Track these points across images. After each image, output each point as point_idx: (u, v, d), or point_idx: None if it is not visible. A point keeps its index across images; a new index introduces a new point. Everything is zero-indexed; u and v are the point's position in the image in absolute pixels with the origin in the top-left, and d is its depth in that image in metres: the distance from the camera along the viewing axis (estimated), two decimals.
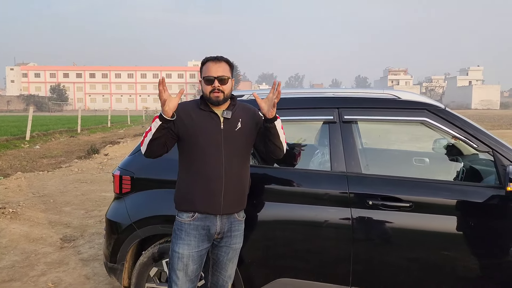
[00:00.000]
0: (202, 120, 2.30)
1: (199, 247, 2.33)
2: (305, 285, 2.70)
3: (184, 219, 2.34)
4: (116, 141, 17.14)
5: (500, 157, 2.47)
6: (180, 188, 2.40)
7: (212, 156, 2.28)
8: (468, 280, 2.48)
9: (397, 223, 2.53)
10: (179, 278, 2.33)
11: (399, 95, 2.84)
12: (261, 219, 2.71)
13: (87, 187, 8.11)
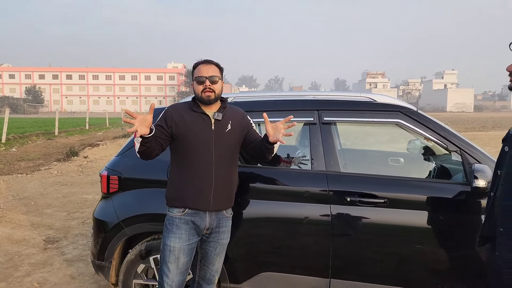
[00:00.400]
0: (194, 121, 2.42)
1: (190, 240, 2.44)
2: (287, 278, 2.84)
3: (175, 214, 2.44)
4: (95, 143, 16.98)
5: (467, 156, 2.67)
6: (171, 185, 2.50)
7: (203, 156, 2.40)
8: (438, 271, 2.65)
9: (373, 218, 2.69)
10: (170, 271, 2.43)
11: (375, 98, 3.02)
12: (245, 216, 2.84)
13: (68, 190, 8.07)
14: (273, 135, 2.31)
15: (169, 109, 2.50)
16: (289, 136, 2.33)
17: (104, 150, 14.09)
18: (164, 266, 2.45)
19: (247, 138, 2.56)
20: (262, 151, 2.43)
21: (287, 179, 2.90)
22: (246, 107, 3.04)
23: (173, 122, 2.41)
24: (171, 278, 2.44)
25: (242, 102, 3.14)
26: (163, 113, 2.47)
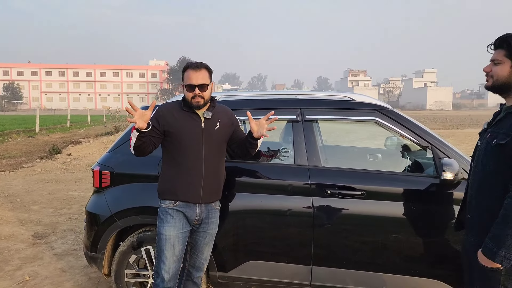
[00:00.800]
0: (184, 120, 2.58)
1: (183, 228, 2.60)
2: (272, 266, 3.02)
3: (168, 205, 2.60)
4: (77, 141, 16.87)
5: (437, 151, 2.89)
6: (163, 180, 2.65)
7: (194, 153, 2.56)
8: (411, 256, 2.87)
9: (351, 209, 2.90)
10: (167, 258, 2.58)
11: (354, 97, 3.23)
12: (233, 208, 3.01)
13: (53, 187, 8.10)
14: (257, 131, 2.53)
15: (161, 108, 2.65)
16: (272, 130, 2.57)
17: (88, 148, 14.04)
18: (162, 254, 2.59)
19: (234, 136, 2.74)
20: (246, 147, 2.64)
21: (272, 173, 3.08)
22: (233, 106, 3.21)
23: (165, 121, 2.56)
24: (168, 265, 2.58)
25: (228, 100, 3.30)
26: (155, 112, 2.60)
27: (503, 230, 1.82)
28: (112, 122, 22.59)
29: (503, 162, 1.90)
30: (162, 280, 2.60)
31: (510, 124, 1.90)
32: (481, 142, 2.13)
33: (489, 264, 1.89)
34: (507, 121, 1.94)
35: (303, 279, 2.99)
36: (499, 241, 1.83)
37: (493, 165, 1.95)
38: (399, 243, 2.88)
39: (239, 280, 3.07)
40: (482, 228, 1.98)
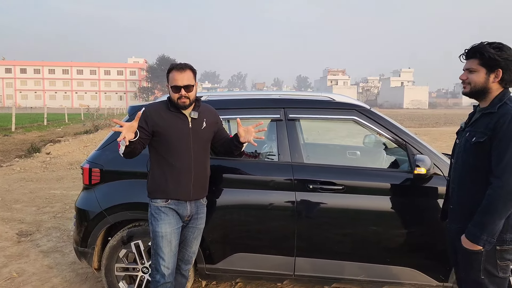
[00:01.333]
0: (172, 120, 2.65)
1: (177, 224, 2.71)
2: (257, 258, 3.17)
3: (159, 204, 2.68)
4: (56, 139, 16.65)
5: (411, 148, 3.09)
6: (153, 179, 2.72)
7: (183, 152, 2.65)
8: (387, 246, 3.07)
9: (332, 203, 3.07)
10: (165, 254, 2.66)
11: (334, 98, 3.40)
12: (220, 203, 3.14)
13: (34, 185, 8.06)
14: (244, 137, 2.69)
15: (148, 109, 2.70)
16: (260, 139, 2.74)
17: (67, 146, 13.90)
18: (160, 251, 2.66)
19: (217, 134, 2.88)
20: (231, 148, 2.81)
21: (257, 170, 3.23)
22: (219, 105, 3.36)
23: (153, 121, 2.63)
24: (167, 261, 2.67)
25: (215, 100, 3.43)
26: (142, 114, 2.62)
27: (485, 218, 2.07)
28: (91, 120, 22.31)
29: (481, 158, 2.13)
30: (162, 275, 2.68)
31: (486, 124, 2.13)
32: (460, 140, 2.36)
33: (472, 247, 2.14)
34: (483, 121, 2.17)
35: (287, 270, 3.15)
36: (482, 227, 2.08)
37: (473, 160, 2.19)
38: (376, 234, 3.06)
39: (226, 271, 3.21)
40: (464, 217, 2.22)
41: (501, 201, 2.03)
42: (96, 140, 15.72)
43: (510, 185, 2.01)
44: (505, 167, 2.02)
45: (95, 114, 22.99)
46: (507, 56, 2.11)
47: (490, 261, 2.15)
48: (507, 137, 2.03)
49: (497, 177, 2.04)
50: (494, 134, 2.07)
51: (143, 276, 3.26)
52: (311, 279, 3.18)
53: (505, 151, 2.02)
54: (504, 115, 2.07)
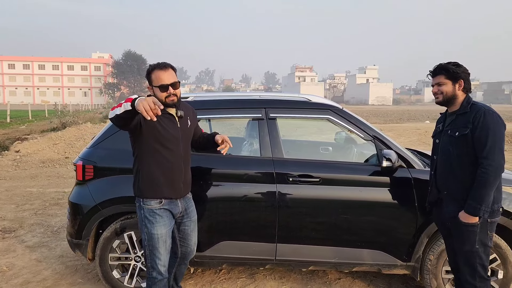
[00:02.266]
0: (164, 121, 2.70)
1: (171, 224, 2.86)
2: (242, 245, 3.48)
3: (153, 206, 2.76)
4: (23, 137, 16.31)
5: (379, 143, 3.47)
6: (146, 178, 2.75)
7: (174, 151, 2.76)
8: (358, 232, 3.43)
9: (310, 194, 3.41)
10: (161, 254, 2.80)
11: (310, 98, 3.74)
12: (207, 196, 3.42)
13: (9, 184, 8.04)
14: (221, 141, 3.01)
15: None
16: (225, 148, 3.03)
17: (36, 144, 13.67)
18: (156, 252, 2.78)
19: (195, 131, 3.09)
20: (207, 146, 3.12)
21: (241, 165, 3.53)
22: (206, 106, 3.65)
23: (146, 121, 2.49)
24: (163, 260, 2.81)
25: (201, 101, 3.70)
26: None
27: (481, 191, 2.60)
28: (58, 117, 21.83)
29: (465, 147, 2.69)
30: (159, 273, 2.81)
31: (465, 121, 2.70)
32: (441, 139, 2.92)
33: (471, 220, 2.65)
34: (460, 120, 2.74)
35: (269, 255, 3.47)
36: (480, 199, 2.60)
37: (458, 151, 2.74)
38: (348, 221, 3.43)
39: (213, 258, 3.50)
40: (457, 199, 2.75)
41: (491, 176, 2.57)
42: (65, 137, 15.49)
43: (496, 162, 2.58)
44: (489, 149, 2.58)
45: (61, 111, 22.41)
46: (464, 69, 2.77)
47: (483, 232, 2.69)
48: (485, 127, 2.60)
49: (485, 158, 2.59)
50: (473, 126, 2.63)
51: (136, 264, 3.51)
52: (291, 263, 3.52)
53: (486, 138, 2.59)
54: (478, 111, 2.66)
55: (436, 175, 2.94)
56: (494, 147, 2.59)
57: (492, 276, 3.36)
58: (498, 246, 3.28)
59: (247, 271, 4.03)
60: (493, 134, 2.60)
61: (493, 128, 2.61)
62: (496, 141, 2.60)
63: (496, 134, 2.61)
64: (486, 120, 2.61)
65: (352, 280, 3.89)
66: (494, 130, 2.61)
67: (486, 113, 2.63)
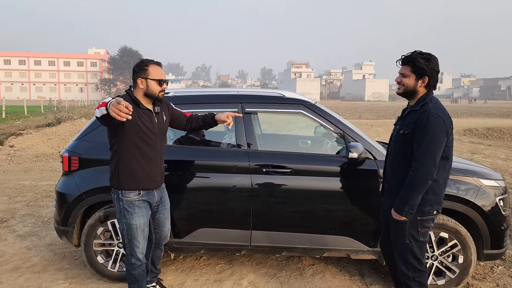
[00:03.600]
0: (144, 116, 2.86)
1: (148, 214, 3.04)
2: (219, 232, 3.70)
3: (132, 198, 2.91)
4: (18, 132, 16.46)
5: (347, 136, 3.68)
6: (125, 171, 2.88)
7: (151, 145, 2.90)
8: (328, 220, 3.65)
9: (282, 184, 3.62)
10: (139, 242, 2.97)
11: (284, 94, 3.95)
12: (185, 186, 3.64)
13: (2, 177, 8.23)
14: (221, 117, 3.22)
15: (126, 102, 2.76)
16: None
17: (30, 139, 13.84)
18: (135, 241, 2.96)
19: (175, 116, 3.21)
20: (205, 126, 3.32)
21: (218, 157, 3.75)
22: (185, 100, 3.85)
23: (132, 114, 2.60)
24: (141, 247, 3.00)
25: (181, 96, 3.91)
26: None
27: (407, 193, 2.67)
28: (53, 113, 21.96)
29: (407, 146, 2.72)
30: (137, 259, 3.00)
31: (411, 119, 2.72)
32: (393, 131, 2.98)
33: (398, 218, 2.76)
34: (410, 116, 2.75)
35: (244, 241, 3.69)
36: (405, 200, 2.67)
37: (400, 148, 2.79)
38: (318, 209, 3.65)
39: (191, 244, 3.72)
40: (394, 194, 2.82)
41: (418, 180, 2.62)
42: (60, 133, 15.67)
43: (425, 167, 2.59)
44: (421, 154, 2.60)
45: (57, 106, 22.53)
46: (433, 66, 2.69)
47: (413, 228, 2.79)
48: (423, 130, 2.60)
49: (415, 161, 2.63)
50: (415, 127, 2.65)
51: (119, 250, 3.72)
52: (265, 248, 3.74)
53: (421, 141, 2.60)
54: (423, 112, 2.64)
55: (385, 166, 3.07)
56: (427, 152, 2.58)
57: (453, 261, 3.59)
58: (458, 232, 3.51)
59: (226, 258, 4.25)
60: (429, 139, 2.57)
61: (432, 133, 2.57)
62: (431, 146, 2.57)
63: (433, 140, 2.57)
64: (428, 123, 2.57)
65: (325, 265, 4.12)
66: (433, 134, 2.57)
67: (430, 116, 2.59)
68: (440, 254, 3.58)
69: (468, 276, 3.58)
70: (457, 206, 3.52)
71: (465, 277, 3.58)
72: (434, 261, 3.59)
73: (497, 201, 3.54)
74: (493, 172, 3.79)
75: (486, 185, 3.56)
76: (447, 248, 3.56)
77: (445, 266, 3.59)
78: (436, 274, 3.62)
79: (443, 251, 3.57)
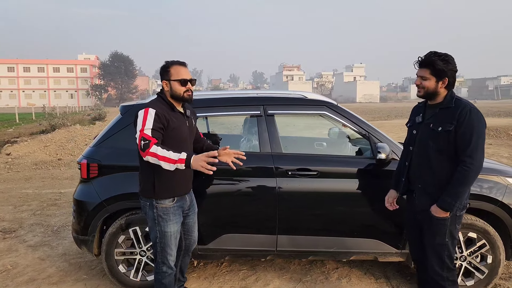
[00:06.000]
0: (178, 119, 2.81)
1: (181, 220, 2.98)
2: (244, 237, 3.61)
3: (167, 204, 2.84)
4: (12, 140, 16.20)
5: (373, 138, 3.62)
6: (163, 178, 2.78)
7: (185, 148, 2.75)
8: (355, 222, 3.59)
9: (308, 187, 3.55)
10: (172, 250, 2.91)
11: (306, 95, 3.88)
12: (210, 191, 3.54)
13: (3, 186, 8.05)
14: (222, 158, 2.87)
15: (158, 111, 2.69)
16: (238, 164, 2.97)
17: (27, 147, 13.62)
18: (168, 248, 2.89)
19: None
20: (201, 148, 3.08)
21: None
22: (205, 104, 3.77)
23: (166, 121, 2.71)
24: (173, 255, 2.94)
25: (201, 99, 3.80)
26: (155, 115, 2.65)
27: (459, 188, 2.63)
28: (47, 120, 21.68)
29: (447, 143, 2.68)
30: (169, 267, 2.93)
31: (449, 116, 2.65)
32: (419, 131, 2.88)
33: (442, 215, 2.69)
34: (444, 114, 2.69)
35: (270, 246, 3.61)
36: (457, 196, 2.64)
37: (438, 146, 2.72)
38: (345, 212, 3.58)
39: (216, 251, 3.62)
40: (431, 192, 2.77)
41: (472, 174, 2.61)
42: (56, 139, 15.43)
43: (478, 161, 2.60)
44: (473, 148, 2.58)
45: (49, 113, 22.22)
46: (452, 67, 2.68)
47: (453, 225, 2.75)
48: (469, 126, 2.59)
49: (469, 156, 2.59)
50: (458, 123, 2.61)
51: (141, 259, 3.61)
52: (291, 253, 3.66)
53: (471, 137, 2.58)
54: (464, 108, 2.63)
55: (410, 167, 2.94)
56: (477, 146, 2.59)
57: (482, 261, 3.54)
58: (487, 232, 3.46)
59: (248, 264, 4.16)
60: (477, 133, 2.59)
61: (478, 127, 2.60)
62: (479, 141, 2.60)
63: (480, 134, 2.60)
64: (472, 118, 2.59)
65: (350, 269, 4.04)
66: (479, 129, 2.60)
67: (472, 111, 2.61)
68: (468, 254, 3.52)
69: (497, 276, 3.54)
70: (485, 206, 3.48)
71: (494, 277, 3.53)
72: (462, 262, 3.53)
73: None
74: None
75: None
76: (475, 249, 3.51)
77: (473, 267, 3.54)
78: (465, 275, 3.57)
79: (472, 252, 3.52)
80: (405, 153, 3.05)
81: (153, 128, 2.63)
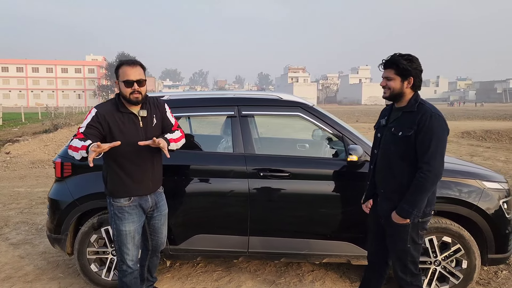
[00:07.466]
0: (124, 121, 2.73)
1: (140, 221, 2.94)
2: (215, 238, 3.60)
3: (123, 203, 2.82)
4: (14, 139, 16.34)
5: (346, 139, 3.59)
6: (113, 180, 2.81)
7: (137, 152, 2.73)
8: (327, 224, 3.56)
9: (280, 188, 3.53)
10: (129, 249, 2.90)
11: (281, 96, 3.86)
12: (181, 191, 3.54)
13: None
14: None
15: (100, 111, 2.71)
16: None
17: (27, 146, 13.74)
18: (124, 247, 2.88)
19: (163, 124, 2.94)
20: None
21: (214, 161, 3.66)
22: (181, 104, 3.76)
23: (106, 123, 2.68)
24: (131, 255, 2.92)
25: (176, 99, 3.81)
26: (95, 116, 2.69)
27: (416, 196, 2.57)
28: (50, 119, 21.87)
29: (407, 149, 2.63)
30: (128, 266, 2.93)
31: (410, 120, 2.61)
32: (383, 134, 2.85)
33: (401, 221, 2.66)
34: (406, 118, 2.65)
35: (242, 247, 3.59)
36: (414, 204, 2.58)
37: (400, 151, 2.68)
38: (318, 214, 3.55)
39: (187, 251, 3.62)
40: (392, 197, 2.73)
41: (429, 182, 2.53)
42: (56, 139, 15.57)
43: (435, 168, 2.53)
44: (431, 155, 2.52)
45: (53, 112, 22.43)
46: (416, 66, 2.64)
47: (414, 231, 2.70)
48: (429, 131, 2.53)
49: (426, 163, 2.53)
50: (418, 128, 2.57)
51: (113, 258, 3.62)
52: (263, 255, 3.65)
53: (429, 142, 2.52)
54: (425, 113, 2.57)
55: (374, 170, 2.91)
56: (436, 153, 2.53)
57: (457, 266, 3.49)
58: (462, 236, 3.41)
59: (223, 265, 4.15)
60: (436, 139, 2.53)
61: (438, 133, 2.53)
62: (438, 147, 2.54)
63: (439, 140, 2.54)
64: (432, 124, 2.53)
65: (325, 271, 4.02)
66: (438, 135, 2.54)
67: (432, 116, 2.55)
68: (443, 259, 3.48)
69: (472, 282, 3.48)
70: (460, 210, 3.44)
71: (470, 282, 3.48)
72: (437, 267, 3.49)
73: (500, 204, 3.45)
74: (495, 174, 3.71)
75: (489, 187, 3.48)
76: (450, 253, 3.46)
77: (448, 272, 3.50)
78: (439, 280, 3.52)
79: (446, 256, 3.47)
80: (371, 156, 3.03)
81: (87, 126, 2.66)
